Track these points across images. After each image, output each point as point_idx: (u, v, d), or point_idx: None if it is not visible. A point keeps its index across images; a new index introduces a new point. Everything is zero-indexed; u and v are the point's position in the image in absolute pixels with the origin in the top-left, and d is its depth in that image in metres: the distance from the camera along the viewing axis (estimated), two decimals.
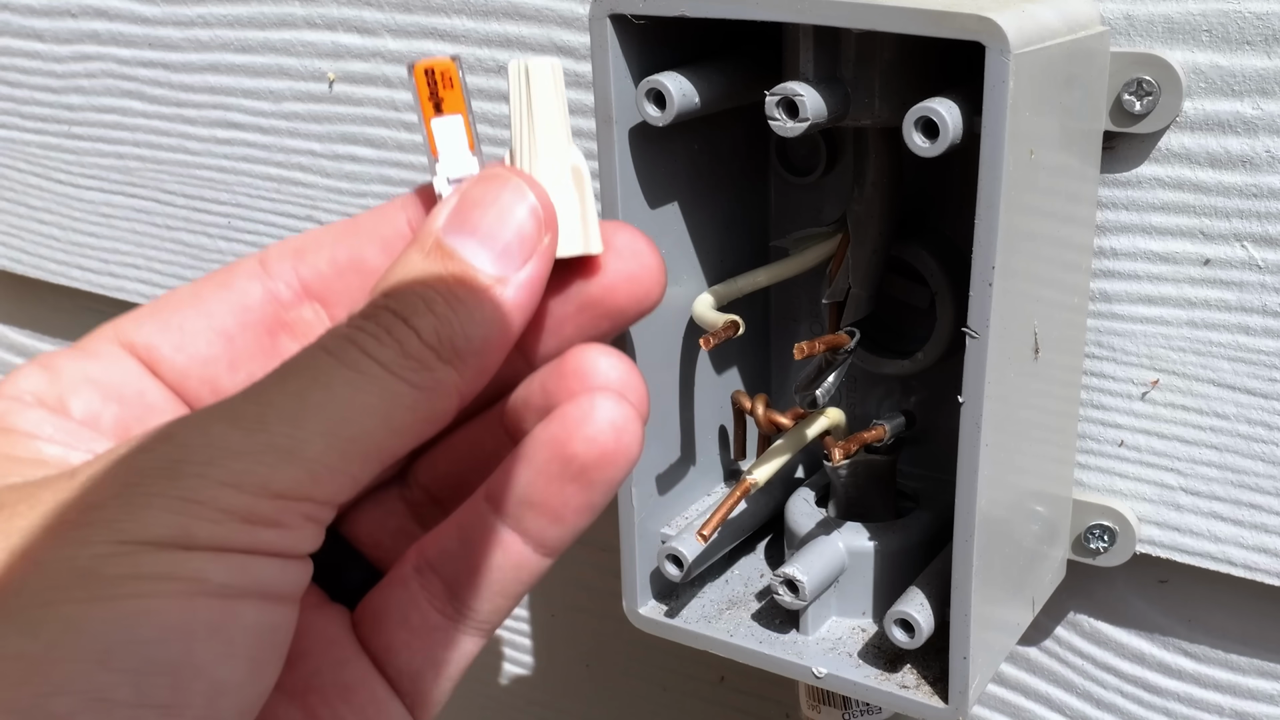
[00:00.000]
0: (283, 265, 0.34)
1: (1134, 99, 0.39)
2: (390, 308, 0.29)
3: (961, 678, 0.38)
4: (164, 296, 0.34)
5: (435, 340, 0.28)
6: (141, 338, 0.33)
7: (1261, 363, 0.41)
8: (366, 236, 0.34)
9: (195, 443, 0.26)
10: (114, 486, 0.26)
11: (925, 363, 0.43)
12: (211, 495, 0.26)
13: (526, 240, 0.30)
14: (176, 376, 0.33)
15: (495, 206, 0.30)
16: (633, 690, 0.64)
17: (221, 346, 0.33)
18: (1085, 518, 0.45)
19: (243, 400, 0.27)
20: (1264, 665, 0.46)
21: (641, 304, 0.32)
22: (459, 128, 0.32)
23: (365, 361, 0.28)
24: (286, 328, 0.34)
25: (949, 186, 0.42)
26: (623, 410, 0.30)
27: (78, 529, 0.25)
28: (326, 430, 0.27)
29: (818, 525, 0.43)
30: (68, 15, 0.64)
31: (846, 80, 0.37)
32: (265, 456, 0.26)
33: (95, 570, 0.25)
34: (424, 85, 0.31)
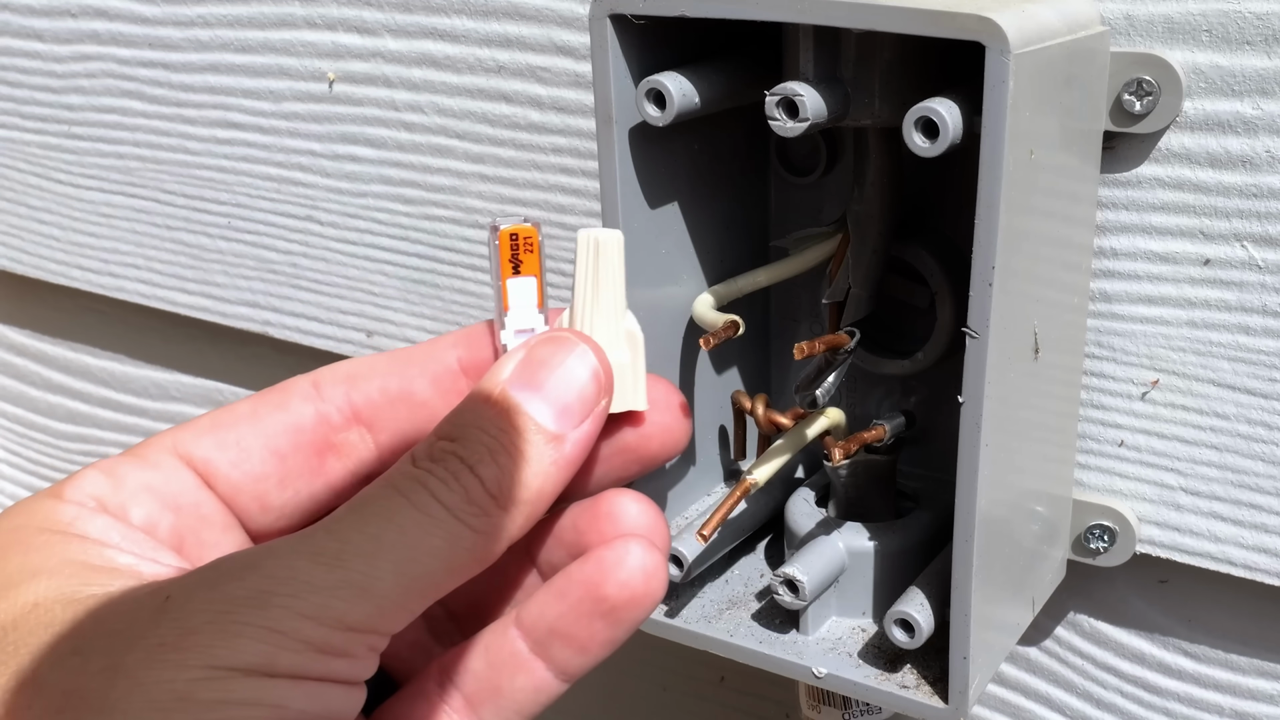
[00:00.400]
0: (335, 390, 0.36)
1: (1134, 99, 0.39)
2: (457, 454, 0.31)
3: (961, 678, 0.38)
4: (221, 411, 0.36)
5: (497, 489, 0.31)
6: (200, 452, 0.35)
7: (1261, 363, 0.41)
8: (418, 369, 0.36)
9: (281, 575, 0.28)
10: (208, 613, 0.28)
11: (925, 363, 0.43)
12: (294, 627, 0.28)
13: (586, 402, 0.33)
14: (230, 490, 0.35)
15: (561, 368, 0.33)
16: (633, 690, 0.64)
17: (274, 465, 0.36)
18: (1085, 518, 0.45)
19: (323, 535, 0.29)
20: (1264, 665, 0.46)
21: (671, 451, 0.36)
22: (532, 289, 0.35)
23: (434, 505, 0.30)
24: (334, 449, 0.36)
25: (949, 186, 0.42)
26: (653, 557, 0.33)
27: (177, 653, 0.27)
28: (396, 570, 0.29)
29: (818, 525, 0.43)
30: (68, 15, 0.64)
31: (846, 80, 0.37)
32: (342, 592, 0.29)
33: (191, 694, 0.27)
34: (506, 248, 0.34)
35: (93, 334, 0.78)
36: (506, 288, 0.34)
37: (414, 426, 0.36)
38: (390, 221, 0.58)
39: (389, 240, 0.59)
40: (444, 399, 0.36)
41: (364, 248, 0.60)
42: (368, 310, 0.62)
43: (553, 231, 0.54)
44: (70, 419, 0.82)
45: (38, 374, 0.83)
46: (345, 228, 0.60)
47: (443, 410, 0.36)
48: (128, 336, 0.76)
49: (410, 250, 0.58)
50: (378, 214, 0.59)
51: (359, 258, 0.60)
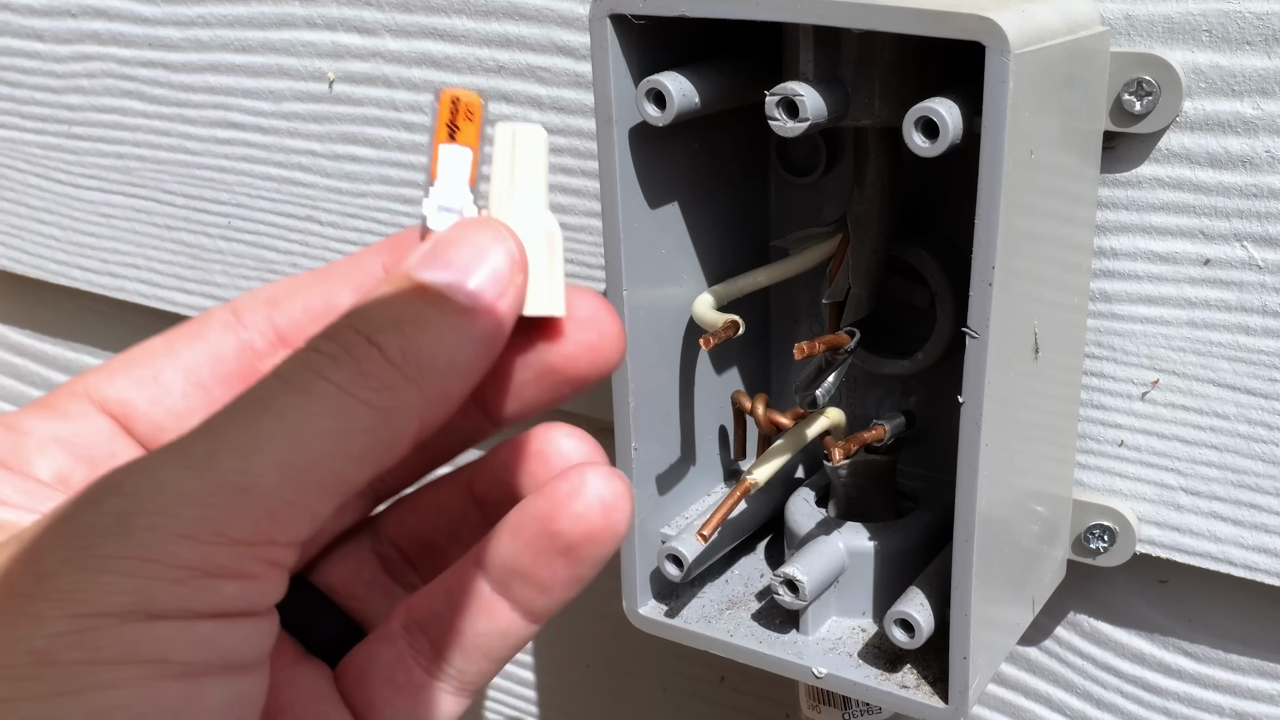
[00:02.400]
0: (256, 315, 0.33)
1: (1134, 99, 0.39)
2: (353, 326, 0.27)
3: (961, 678, 0.38)
4: (134, 349, 0.33)
5: (400, 357, 0.27)
6: (114, 393, 0.32)
7: (1261, 363, 0.41)
8: (341, 281, 0.33)
9: (144, 490, 0.24)
10: (64, 549, 0.24)
11: (925, 363, 0.43)
12: (167, 550, 0.24)
13: (499, 277, 0.29)
14: (151, 431, 0.32)
15: (471, 244, 0.30)
16: (633, 690, 0.64)
17: (198, 399, 0.32)
18: (1085, 518, 0.45)
19: (191, 437, 0.26)
20: (1264, 665, 0.46)
21: (600, 370, 0.32)
22: (466, 160, 0.32)
23: (320, 383, 0.26)
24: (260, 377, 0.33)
25: (949, 186, 0.42)
26: (611, 486, 0.29)
27: (31, 602, 0.23)
28: (280, 461, 0.25)
29: (818, 525, 0.43)
30: (68, 15, 0.64)
31: (846, 80, 0.37)
32: (218, 498, 0.24)
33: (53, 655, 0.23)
34: (446, 110, 0.32)
35: (93, 334, 0.78)
36: (438, 153, 0.31)
37: None
38: (390, 221, 0.58)
39: None
40: None
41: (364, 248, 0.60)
42: None
43: None
44: None
45: (38, 374, 0.83)
46: (345, 228, 0.60)
47: None
48: (128, 336, 0.76)
49: None
50: (378, 214, 0.59)
51: None
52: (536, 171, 0.32)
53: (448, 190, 0.32)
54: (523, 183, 0.32)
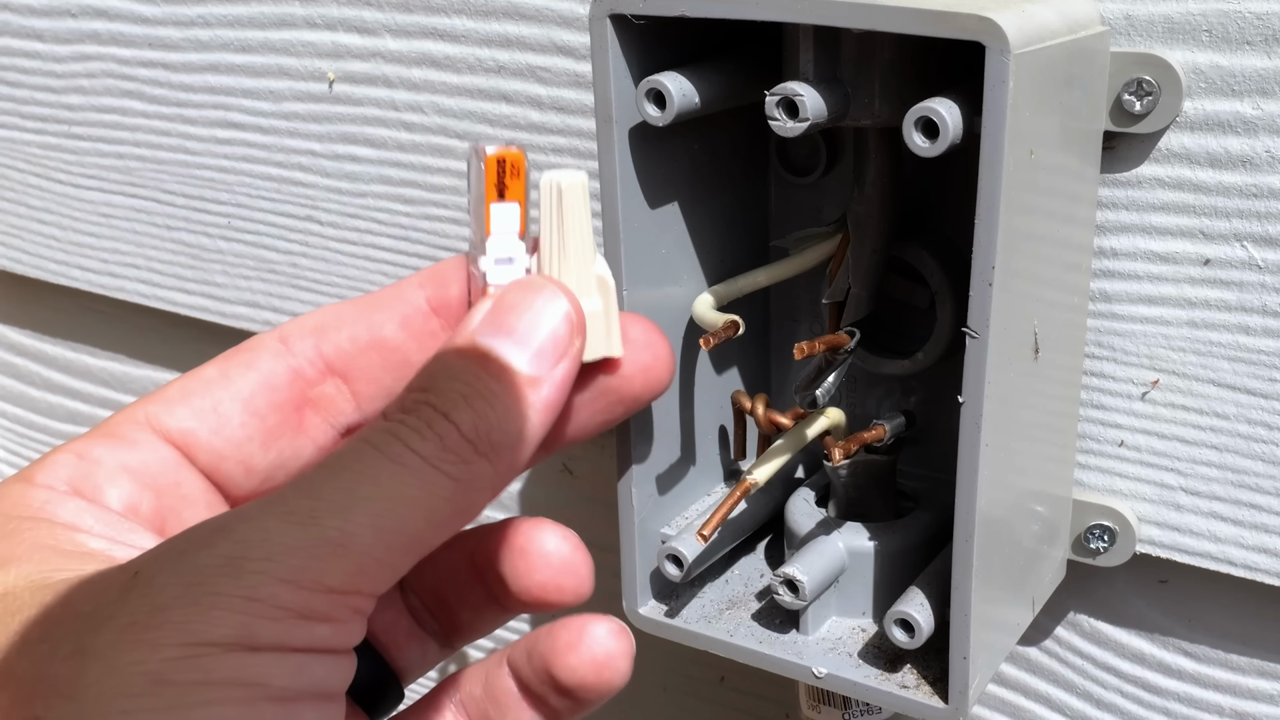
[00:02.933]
0: (304, 343, 0.35)
1: (1134, 99, 0.39)
2: (430, 402, 0.30)
3: (961, 678, 0.38)
4: (190, 378, 0.35)
5: (474, 434, 0.30)
6: (175, 423, 0.34)
7: (1261, 363, 0.41)
8: (385, 313, 0.35)
9: (253, 539, 0.27)
10: (178, 586, 0.26)
11: (925, 363, 0.43)
12: (271, 593, 0.26)
13: (559, 343, 0.32)
14: (212, 460, 0.34)
15: (531, 310, 0.32)
16: (633, 690, 0.64)
17: (255, 426, 0.34)
18: (1085, 518, 0.45)
19: (295, 494, 0.28)
20: (1264, 665, 0.46)
21: (654, 390, 0.35)
22: (515, 215, 0.33)
23: (408, 455, 0.29)
24: (312, 404, 0.35)
25: (949, 186, 0.42)
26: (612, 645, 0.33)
27: (147, 631, 0.26)
28: (374, 524, 0.28)
29: (818, 525, 0.43)
30: (68, 15, 0.64)
31: (846, 80, 0.37)
32: (319, 551, 0.27)
33: (166, 676, 0.25)
34: (493, 172, 0.33)
35: (93, 334, 0.78)
36: (490, 212, 0.33)
37: (389, 373, 0.35)
38: (390, 221, 0.58)
39: (389, 240, 0.59)
40: (416, 341, 0.35)
41: (364, 248, 0.60)
42: None
43: None
44: (70, 419, 0.82)
45: (38, 374, 0.83)
46: (345, 228, 0.60)
47: (415, 353, 0.35)
48: (128, 336, 0.76)
49: (410, 250, 0.58)
50: (378, 214, 0.59)
51: (359, 258, 0.60)
52: (582, 220, 0.34)
53: (502, 245, 0.33)
54: (572, 233, 0.33)
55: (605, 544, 0.60)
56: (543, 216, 0.34)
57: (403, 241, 0.58)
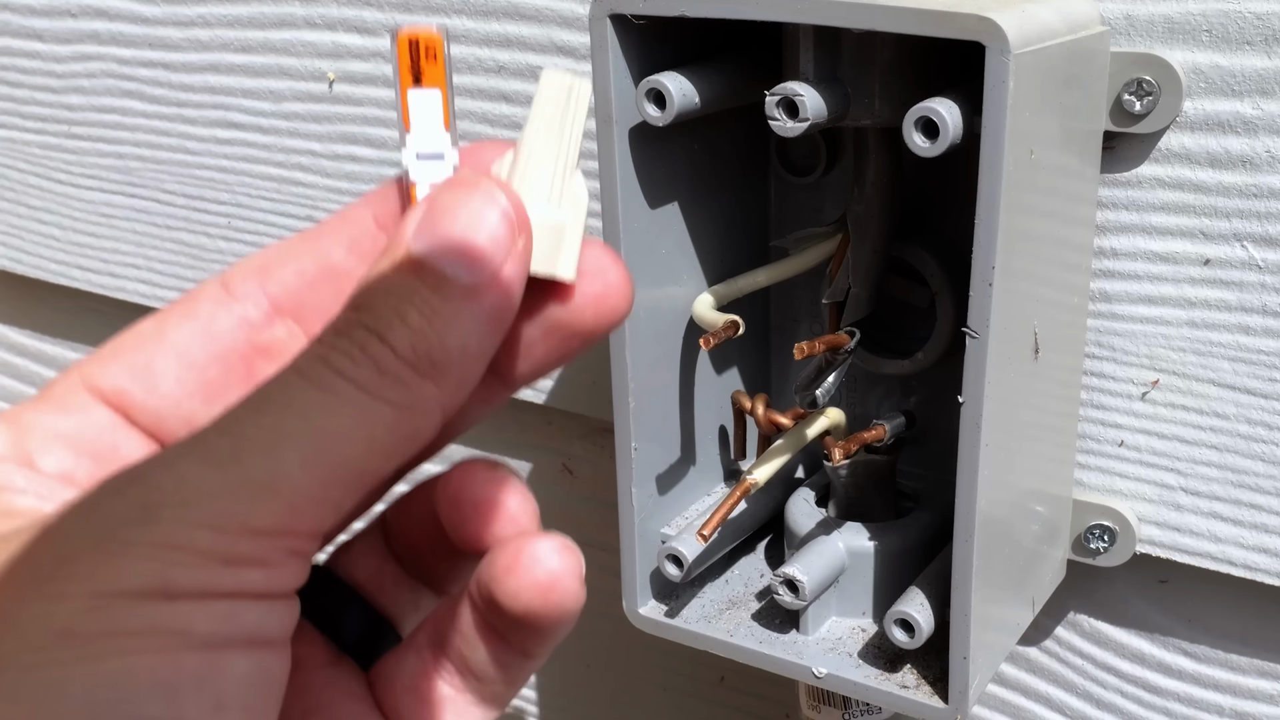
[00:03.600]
0: (247, 285, 0.32)
1: (1134, 99, 0.39)
2: (362, 323, 0.27)
3: (961, 678, 0.38)
4: (126, 333, 0.32)
5: (412, 355, 0.27)
6: (109, 382, 0.31)
7: (1261, 363, 0.41)
8: (332, 240, 0.33)
9: (168, 483, 0.25)
10: (86, 536, 0.25)
11: (925, 363, 0.43)
12: (189, 538, 0.25)
13: (499, 243, 0.29)
14: (152, 419, 0.32)
15: (465, 211, 0.29)
16: (633, 690, 0.64)
17: (194, 381, 0.32)
18: (1085, 518, 0.45)
19: (215, 434, 0.26)
20: (1264, 665, 0.46)
21: (609, 321, 0.32)
22: (436, 102, 0.31)
23: (339, 382, 0.27)
24: (261, 351, 0.32)
25: (949, 186, 0.42)
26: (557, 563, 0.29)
27: (52, 583, 0.24)
28: (304, 459, 0.26)
29: (818, 525, 0.43)
30: (68, 15, 0.64)
31: (846, 80, 0.37)
32: (241, 492, 0.25)
33: (73, 628, 0.24)
34: (406, 55, 0.31)
35: (93, 334, 0.78)
36: (407, 101, 0.30)
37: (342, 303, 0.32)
38: None
39: None
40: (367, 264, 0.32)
41: None
42: None
43: None
44: None
45: (38, 374, 0.83)
46: None
47: None
48: None
49: None
50: None
51: None
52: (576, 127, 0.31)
53: (424, 137, 0.31)
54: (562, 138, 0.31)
55: (605, 544, 0.60)
56: (535, 110, 0.31)
57: None
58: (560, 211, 0.31)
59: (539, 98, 0.31)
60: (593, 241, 0.32)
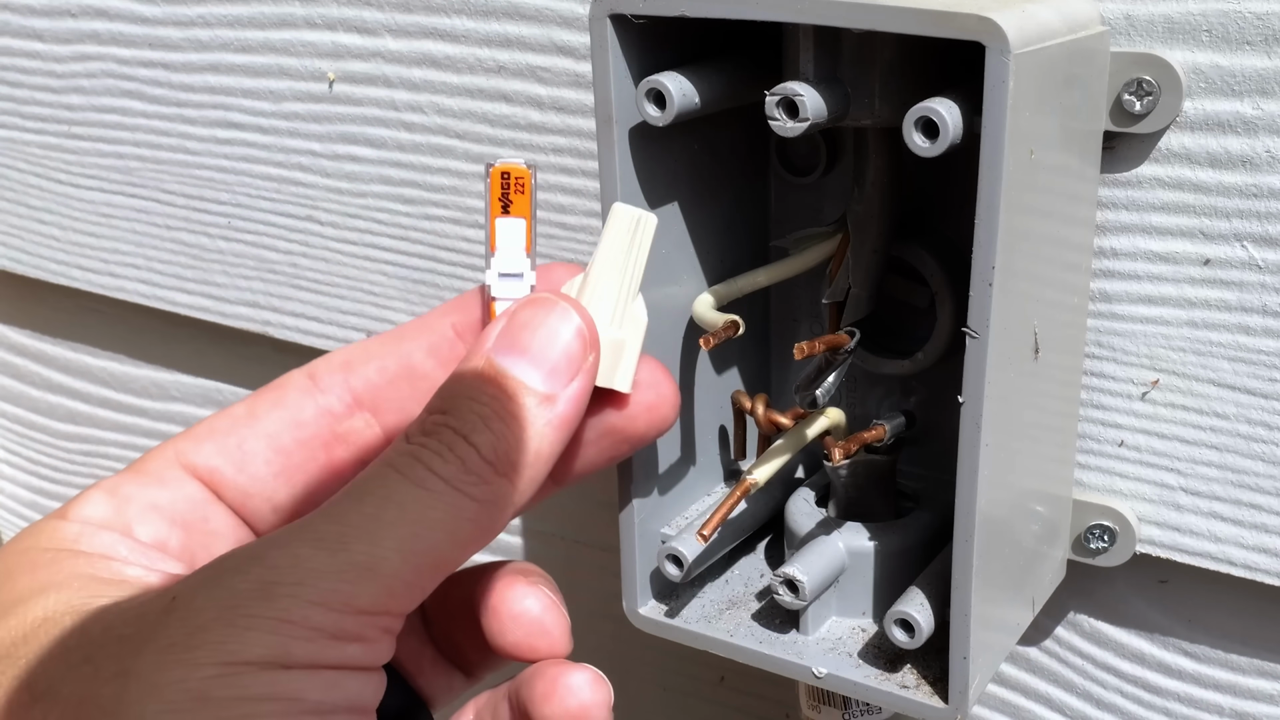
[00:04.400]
0: (333, 379, 0.36)
1: (1134, 99, 0.39)
2: (450, 425, 0.30)
3: (961, 678, 0.38)
4: (219, 416, 0.35)
5: (493, 455, 0.30)
6: (203, 460, 0.35)
7: (1261, 363, 0.41)
8: (413, 343, 0.36)
9: (284, 564, 0.28)
10: (214, 609, 0.27)
11: (925, 363, 0.43)
12: (303, 615, 0.27)
13: (573, 359, 0.32)
14: (238, 496, 0.35)
15: (544, 328, 0.32)
16: (633, 690, 0.64)
17: (280, 464, 0.35)
18: (1085, 518, 0.45)
19: (323, 521, 0.29)
20: (1264, 665, 0.46)
21: (658, 430, 0.36)
22: (520, 230, 0.34)
23: (431, 478, 0.30)
24: (340, 440, 0.36)
25: (949, 186, 0.42)
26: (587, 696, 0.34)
27: (187, 652, 0.27)
28: (401, 547, 0.29)
29: (818, 525, 0.43)
30: (68, 15, 0.64)
31: (846, 80, 0.37)
32: (348, 574, 0.28)
33: (208, 693, 0.27)
34: (497, 186, 0.34)
35: (93, 334, 0.78)
36: (495, 227, 0.34)
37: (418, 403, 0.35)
38: (390, 221, 0.58)
39: (389, 240, 0.59)
40: (444, 369, 0.36)
41: (364, 248, 0.60)
42: (368, 310, 0.62)
43: (552, 231, 0.54)
44: (70, 419, 0.82)
45: (38, 374, 0.83)
46: (345, 228, 0.60)
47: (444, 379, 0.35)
48: (128, 336, 0.76)
49: (410, 250, 0.58)
50: (378, 214, 0.59)
51: (359, 258, 0.60)
52: (642, 256, 0.34)
53: (507, 258, 0.34)
54: (628, 265, 0.34)
55: (605, 544, 0.60)
56: (605, 238, 0.34)
57: (403, 241, 0.58)
58: (622, 331, 0.34)
59: (609, 228, 0.34)
60: (648, 358, 0.35)
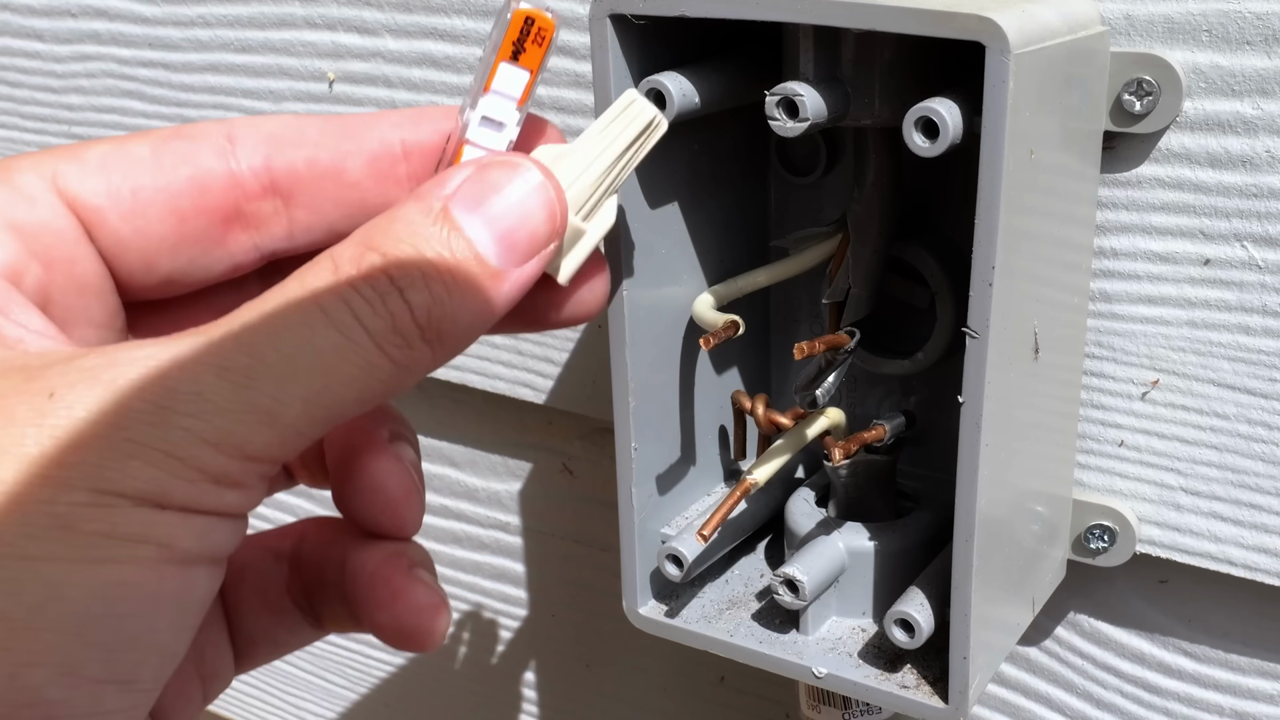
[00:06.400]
0: (254, 150, 0.31)
1: (1134, 99, 0.39)
2: (387, 272, 0.27)
3: (961, 678, 0.38)
4: (116, 146, 0.31)
5: (425, 319, 0.27)
6: (86, 192, 0.30)
7: (1261, 363, 0.41)
8: (354, 144, 0.32)
9: (184, 389, 0.25)
10: (97, 423, 0.24)
11: (925, 363, 0.43)
12: (193, 453, 0.25)
13: (535, 241, 0.29)
14: (115, 245, 0.31)
15: (515, 197, 0.29)
16: (633, 690, 0.64)
17: (172, 225, 0.31)
18: (1085, 518, 0.45)
19: (234, 346, 0.26)
20: (1264, 665, 0.46)
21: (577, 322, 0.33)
22: (522, 82, 0.31)
23: (357, 329, 0.27)
24: (241, 218, 0.32)
25: (949, 186, 0.42)
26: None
27: (60, 468, 0.24)
28: (307, 396, 0.26)
29: (818, 525, 0.43)
30: (68, 15, 0.64)
31: (846, 80, 0.37)
32: (248, 416, 0.25)
33: (74, 523, 0.24)
34: (515, 28, 0.30)
35: None
36: (496, 68, 0.30)
37: (338, 208, 0.32)
38: None
39: None
40: (378, 184, 0.32)
41: None
42: None
43: None
44: None
45: None
46: None
47: (375, 195, 0.32)
48: None
49: None
50: None
51: None
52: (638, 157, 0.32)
53: (496, 104, 0.31)
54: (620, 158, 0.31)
55: (605, 544, 0.60)
56: (606, 119, 0.31)
57: None
58: (586, 223, 0.31)
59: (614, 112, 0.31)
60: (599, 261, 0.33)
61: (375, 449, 0.32)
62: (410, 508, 0.33)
